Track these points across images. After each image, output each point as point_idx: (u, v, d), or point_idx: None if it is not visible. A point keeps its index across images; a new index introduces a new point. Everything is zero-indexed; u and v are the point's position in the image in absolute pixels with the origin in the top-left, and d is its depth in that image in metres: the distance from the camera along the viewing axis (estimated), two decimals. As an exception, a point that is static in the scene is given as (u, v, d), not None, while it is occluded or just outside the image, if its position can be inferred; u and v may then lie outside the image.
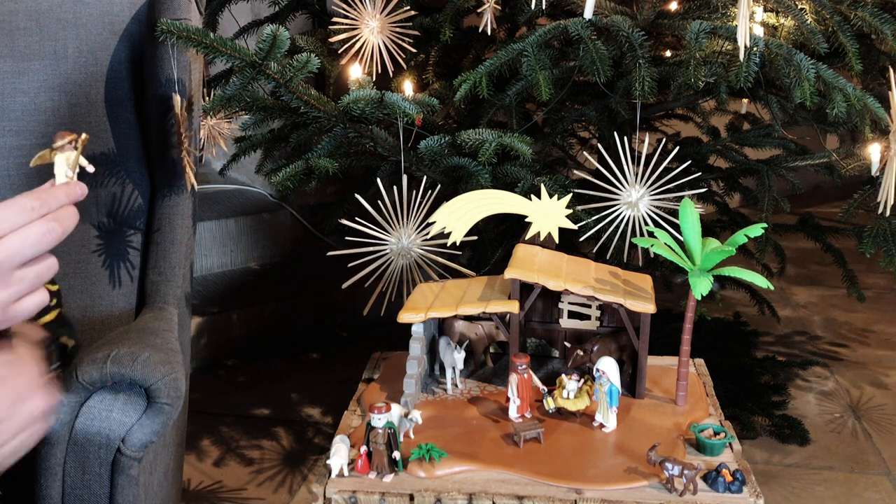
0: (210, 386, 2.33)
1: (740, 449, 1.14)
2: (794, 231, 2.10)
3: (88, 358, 1.06)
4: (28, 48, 1.38)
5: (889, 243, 1.69)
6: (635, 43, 1.42)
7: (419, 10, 1.78)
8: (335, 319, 2.68)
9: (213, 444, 2.09)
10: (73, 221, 0.75)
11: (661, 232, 1.22)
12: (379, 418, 1.06)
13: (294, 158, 1.62)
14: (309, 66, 1.37)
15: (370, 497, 1.05)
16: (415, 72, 1.85)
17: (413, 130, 1.59)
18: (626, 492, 1.04)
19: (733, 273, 1.16)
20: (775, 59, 1.40)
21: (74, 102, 1.39)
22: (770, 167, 1.89)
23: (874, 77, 1.78)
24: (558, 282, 1.22)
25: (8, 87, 1.37)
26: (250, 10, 2.37)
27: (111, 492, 1.09)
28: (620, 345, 1.27)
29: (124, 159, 1.40)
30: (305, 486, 1.92)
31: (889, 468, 1.96)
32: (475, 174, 1.51)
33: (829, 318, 2.84)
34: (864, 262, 2.04)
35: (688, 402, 1.24)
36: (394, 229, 1.44)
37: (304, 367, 2.52)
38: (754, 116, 2.16)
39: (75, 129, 0.83)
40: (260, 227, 2.84)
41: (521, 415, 1.18)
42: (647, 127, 2.28)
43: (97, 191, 1.40)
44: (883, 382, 2.38)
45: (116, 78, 1.41)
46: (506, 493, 1.04)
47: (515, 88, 1.67)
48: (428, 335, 1.30)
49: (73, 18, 1.40)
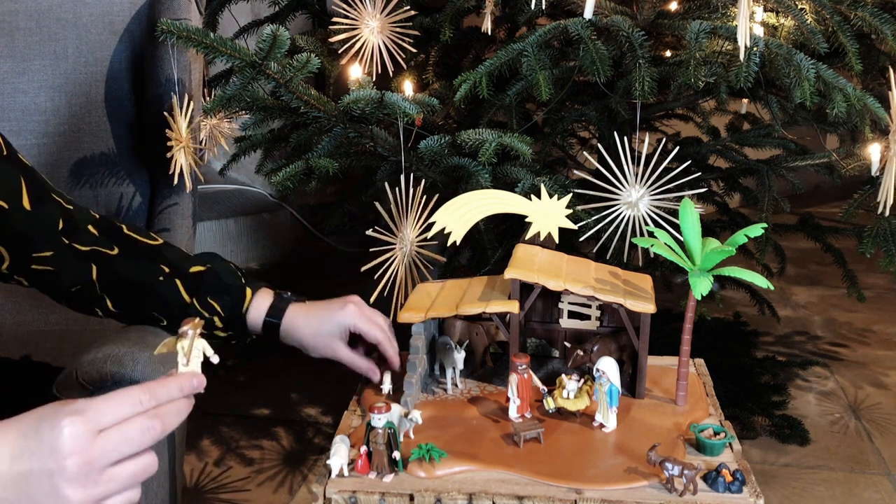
0: (210, 386, 2.33)
1: (740, 449, 1.14)
2: (794, 231, 2.10)
3: (88, 358, 1.06)
4: (28, 48, 1.39)
5: (889, 243, 1.69)
6: (635, 43, 1.42)
7: (419, 10, 1.78)
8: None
9: (213, 444, 2.09)
10: (178, 418, 0.74)
11: (661, 232, 1.22)
12: (379, 418, 1.06)
13: (294, 158, 1.62)
14: (309, 66, 1.37)
15: (370, 497, 1.05)
16: (415, 72, 1.85)
17: (413, 130, 1.59)
18: (626, 492, 1.04)
19: (733, 273, 1.16)
20: (775, 59, 1.40)
21: (74, 102, 1.39)
22: (770, 167, 1.89)
23: (874, 77, 1.78)
24: (558, 282, 1.22)
25: (8, 87, 1.38)
26: (250, 10, 2.37)
27: (111, 492, 1.09)
28: (620, 345, 1.27)
29: (124, 159, 1.40)
30: (305, 486, 1.92)
31: (889, 468, 1.96)
32: (475, 174, 1.51)
33: (829, 318, 2.84)
34: (864, 262, 2.04)
35: (688, 402, 1.24)
36: (398, 230, 1.44)
37: (303, 367, 2.51)
38: (754, 116, 2.16)
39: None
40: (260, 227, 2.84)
41: (521, 415, 1.18)
42: (647, 127, 2.28)
43: (97, 191, 1.40)
44: (883, 382, 2.38)
45: (116, 78, 1.41)
46: (506, 493, 1.04)
47: (515, 88, 1.67)
48: (428, 335, 1.30)
49: (73, 18, 1.40)
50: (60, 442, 0.66)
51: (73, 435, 0.67)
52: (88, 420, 0.68)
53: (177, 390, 0.74)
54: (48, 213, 1.05)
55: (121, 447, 0.69)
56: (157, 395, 0.72)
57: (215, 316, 1.17)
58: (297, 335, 1.22)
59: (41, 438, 0.67)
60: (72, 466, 0.66)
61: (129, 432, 0.69)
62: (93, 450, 0.67)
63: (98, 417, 0.68)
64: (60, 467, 0.66)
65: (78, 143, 1.39)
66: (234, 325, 1.19)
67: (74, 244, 1.07)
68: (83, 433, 0.67)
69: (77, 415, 0.67)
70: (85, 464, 0.67)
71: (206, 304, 1.16)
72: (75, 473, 0.67)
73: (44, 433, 0.67)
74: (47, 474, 0.67)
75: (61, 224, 1.05)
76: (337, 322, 1.21)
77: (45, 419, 0.68)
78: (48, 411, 0.68)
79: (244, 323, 1.20)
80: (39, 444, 0.67)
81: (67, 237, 1.06)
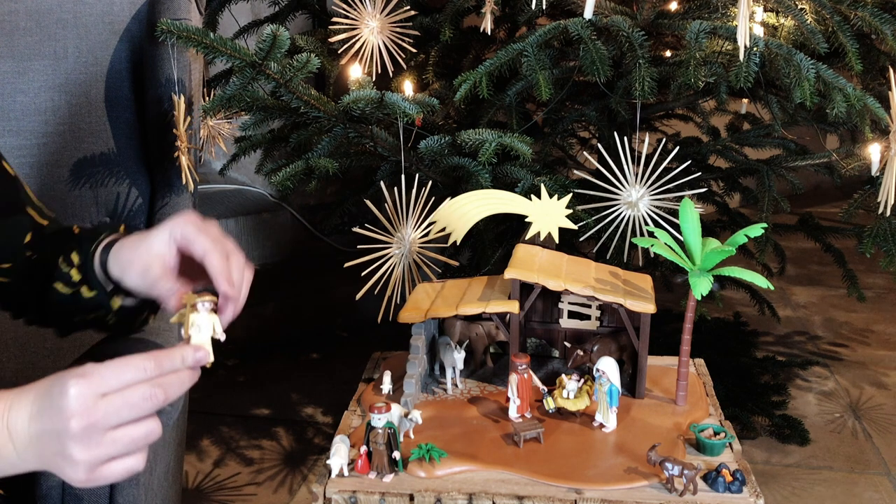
0: (210, 386, 2.33)
1: (740, 449, 1.14)
2: (794, 231, 2.10)
3: (88, 358, 1.06)
4: (28, 48, 1.38)
5: (889, 243, 1.69)
6: (635, 43, 1.42)
7: (419, 10, 1.78)
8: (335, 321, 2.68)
9: (213, 444, 2.09)
10: (181, 388, 0.76)
11: (661, 232, 1.22)
12: (379, 418, 1.06)
13: (294, 158, 1.62)
14: (309, 66, 1.37)
15: (370, 497, 1.05)
16: (415, 72, 1.85)
17: (413, 130, 1.59)
18: (626, 492, 1.04)
19: (733, 273, 1.16)
20: (775, 59, 1.40)
21: (74, 102, 1.39)
22: (770, 167, 1.89)
23: (874, 77, 1.78)
24: (558, 282, 1.22)
25: (8, 87, 1.38)
26: (250, 10, 2.37)
27: (111, 492, 1.09)
28: (620, 345, 1.27)
29: (124, 159, 1.40)
30: (305, 486, 1.92)
31: (889, 468, 1.96)
32: (475, 174, 1.51)
33: (829, 318, 2.84)
34: (864, 262, 2.04)
35: (688, 402, 1.24)
36: (396, 231, 1.44)
37: (304, 367, 2.52)
38: (754, 116, 2.16)
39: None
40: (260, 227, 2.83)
41: (521, 415, 1.18)
42: (647, 127, 2.28)
43: (97, 191, 1.40)
44: (883, 382, 2.38)
45: (116, 78, 1.41)
46: (506, 493, 1.04)
47: (515, 88, 1.67)
48: (428, 335, 1.30)
49: (73, 18, 1.40)
50: (65, 402, 0.70)
51: (77, 396, 0.70)
52: (93, 383, 0.71)
53: (179, 361, 0.76)
54: (14, 225, 1.03)
55: (122, 411, 0.71)
56: (161, 364, 0.74)
57: (73, 269, 1.00)
58: (123, 259, 0.96)
59: (51, 400, 0.71)
60: (76, 427, 0.70)
61: (132, 398, 0.72)
62: (95, 411, 0.70)
63: (102, 381, 0.71)
64: (66, 427, 0.70)
65: (78, 143, 1.39)
66: (87, 270, 1.00)
67: (33, 256, 1.04)
68: (87, 395, 0.70)
69: (82, 378, 0.71)
70: (89, 425, 0.70)
71: (68, 258, 1.01)
72: (79, 434, 0.70)
73: (53, 395, 0.71)
74: (56, 434, 0.71)
75: (29, 237, 1.03)
76: (158, 232, 0.92)
77: (56, 382, 0.72)
78: (59, 375, 0.72)
79: (92, 269, 0.99)
80: (50, 405, 0.71)
81: (32, 251, 1.04)
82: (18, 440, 0.72)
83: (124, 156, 1.41)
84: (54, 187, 1.38)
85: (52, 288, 1.01)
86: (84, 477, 0.72)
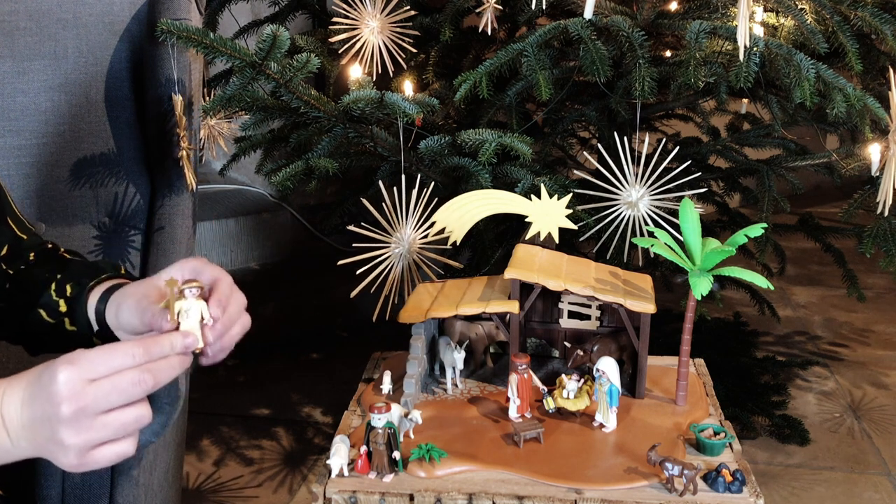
0: (210, 386, 2.33)
1: (740, 449, 1.14)
2: (794, 231, 2.10)
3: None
4: (28, 48, 1.38)
5: (889, 243, 1.69)
6: (635, 43, 1.42)
7: (419, 10, 1.78)
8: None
9: (213, 444, 2.09)
10: (170, 374, 0.76)
11: (661, 232, 1.22)
12: (379, 418, 1.06)
13: (294, 158, 1.62)
14: (309, 66, 1.37)
15: (370, 497, 1.05)
16: (415, 72, 1.85)
17: (413, 130, 1.59)
18: (626, 492, 1.04)
19: (733, 273, 1.16)
20: (775, 59, 1.40)
21: (74, 102, 1.39)
22: (770, 167, 1.89)
23: (874, 77, 1.78)
24: (558, 282, 1.22)
25: (8, 87, 1.37)
26: (250, 10, 2.37)
27: (111, 492, 1.09)
28: (620, 345, 1.27)
29: (124, 159, 1.40)
30: (305, 486, 1.92)
31: (889, 468, 1.96)
32: (475, 174, 1.51)
33: (829, 318, 2.84)
34: (864, 262, 2.04)
35: (688, 402, 1.24)
36: (395, 231, 1.44)
37: (304, 367, 2.52)
38: (754, 116, 2.16)
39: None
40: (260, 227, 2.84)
41: (521, 415, 1.18)
42: (647, 127, 2.28)
43: (97, 191, 1.40)
44: (883, 382, 2.38)
45: (116, 78, 1.41)
46: (506, 493, 1.04)
47: (515, 88, 1.67)
48: (428, 335, 1.30)
49: (73, 18, 1.40)
50: (55, 388, 0.71)
51: (66, 381, 0.71)
52: (82, 369, 0.72)
53: (168, 347, 0.77)
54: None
55: (111, 396, 0.73)
56: (150, 350, 0.75)
57: (62, 300, 1.00)
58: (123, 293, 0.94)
59: (42, 386, 0.72)
60: (65, 411, 0.71)
61: (121, 383, 0.73)
62: (84, 396, 0.72)
63: (91, 367, 0.73)
64: (56, 412, 0.71)
65: (78, 143, 1.39)
66: (78, 305, 0.99)
67: (9, 270, 1.03)
68: (76, 380, 0.72)
69: (71, 364, 0.72)
70: (78, 410, 0.71)
71: (61, 288, 1.00)
72: (68, 418, 0.71)
73: (44, 381, 0.72)
74: (47, 419, 0.72)
75: (5, 250, 1.03)
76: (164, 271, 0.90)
77: (46, 370, 0.73)
78: (50, 363, 0.74)
79: (83, 305, 0.98)
80: (40, 391, 0.72)
81: (6, 263, 1.03)
82: (12, 427, 0.74)
83: (124, 156, 1.40)
84: (54, 187, 1.38)
85: (34, 311, 1.00)
86: (76, 461, 0.73)
